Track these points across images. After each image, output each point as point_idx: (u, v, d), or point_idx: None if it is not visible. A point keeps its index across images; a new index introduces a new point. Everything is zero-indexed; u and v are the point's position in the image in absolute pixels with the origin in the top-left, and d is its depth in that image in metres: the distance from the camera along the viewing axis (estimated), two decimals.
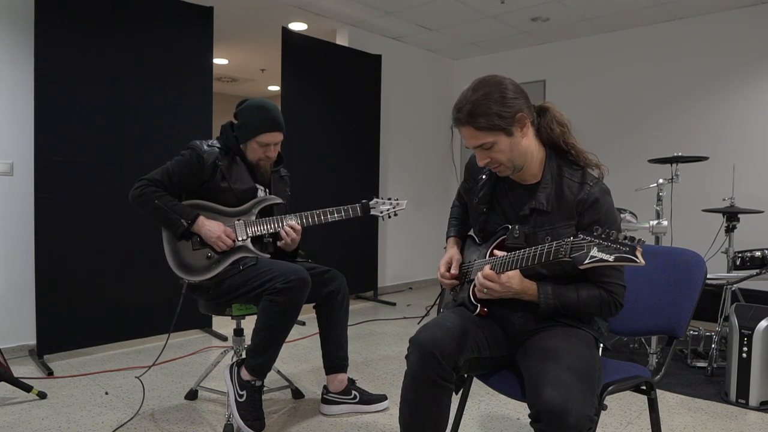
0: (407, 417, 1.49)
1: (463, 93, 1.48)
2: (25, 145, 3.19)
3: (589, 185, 1.49)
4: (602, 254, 1.25)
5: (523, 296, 1.50)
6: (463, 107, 1.46)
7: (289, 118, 4.10)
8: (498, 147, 1.47)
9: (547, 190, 1.51)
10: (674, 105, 4.63)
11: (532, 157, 1.53)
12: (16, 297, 3.22)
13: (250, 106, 2.32)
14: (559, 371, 1.30)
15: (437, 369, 1.43)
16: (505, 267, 1.48)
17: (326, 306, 2.44)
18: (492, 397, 2.67)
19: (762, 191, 4.21)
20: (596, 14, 4.56)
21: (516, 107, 1.45)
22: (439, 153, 6.08)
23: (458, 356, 1.46)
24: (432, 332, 1.47)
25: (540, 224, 1.51)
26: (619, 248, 1.23)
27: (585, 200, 1.47)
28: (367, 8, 4.53)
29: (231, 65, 6.70)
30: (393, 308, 4.76)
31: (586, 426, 1.23)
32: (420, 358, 1.44)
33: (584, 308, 1.50)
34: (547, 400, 1.23)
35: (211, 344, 3.53)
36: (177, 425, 2.31)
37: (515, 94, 1.46)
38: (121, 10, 3.25)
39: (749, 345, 2.55)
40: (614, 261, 1.23)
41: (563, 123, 1.53)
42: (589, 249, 1.27)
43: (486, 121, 1.43)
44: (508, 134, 1.46)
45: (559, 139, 1.52)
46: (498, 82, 1.46)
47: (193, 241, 2.24)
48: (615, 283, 1.49)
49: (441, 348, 1.44)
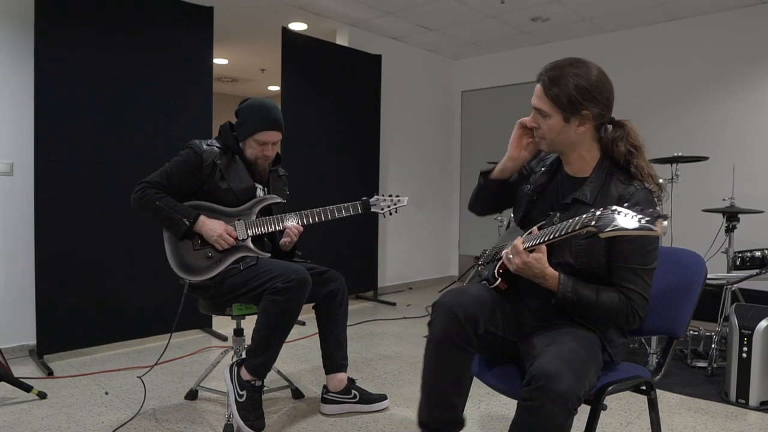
0: (430, 383, 1.51)
1: (564, 59, 1.53)
2: (25, 145, 3.19)
3: (635, 187, 1.49)
4: (623, 223, 1.24)
5: (543, 281, 1.49)
6: (552, 69, 1.51)
7: (289, 118, 4.11)
8: (550, 121, 1.52)
9: (593, 184, 1.54)
10: (674, 105, 4.63)
11: (579, 153, 1.56)
12: (16, 297, 3.22)
13: (251, 105, 2.33)
14: (561, 350, 1.34)
15: (460, 333, 1.46)
16: (540, 240, 1.47)
17: (325, 306, 2.44)
18: (492, 397, 2.67)
19: (762, 191, 4.21)
20: (596, 14, 4.56)
21: (589, 105, 1.48)
22: (440, 153, 6.08)
23: (478, 322, 1.49)
24: (456, 296, 1.50)
25: (579, 215, 1.52)
26: (640, 219, 1.23)
27: (627, 198, 1.48)
28: (367, 8, 4.53)
29: (231, 65, 6.70)
30: (393, 308, 4.76)
31: (572, 401, 1.25)
32: (444, 321, 1.47)
33: (601, 310, 1.48)
34: (543, 365, 1.28)
35: (211, 344, 3.53)
36: (177, 425, 2.31)
37: (598, 94, 1.48)
38: (121, 10, 3.25)
39: (749, 345, 2.55)
40: (633, 230, 1.22)
41: (636, 146, 1.53)
42: (613, 219, 1.27)
43: (557, 93, 1.48)
44: (565, 119, 1.50)
45: (621, 157, 1.53)
46: (596, 74, 1.49)
47: (194, 241, 2.24)
48: (638, 291, 1.47)
49: (465, 313, 1.47)
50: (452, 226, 6.26)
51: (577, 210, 1.53)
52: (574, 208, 1.54)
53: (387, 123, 5.34)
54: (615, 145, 1.53)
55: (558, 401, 1.24)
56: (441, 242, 6.13)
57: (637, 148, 1.52)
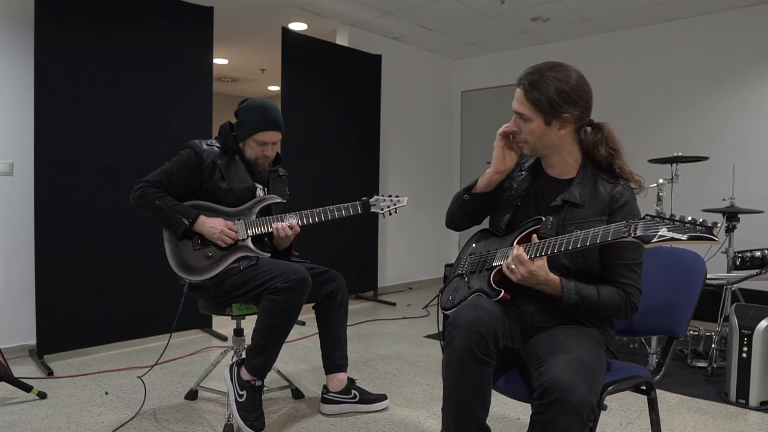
0: (455, 402, 1.48)
1: (544, 63, 1.55)
2: (25, 145, 3.19)
3: (621, 185, 1.53)
4: (673, 233, 1.24)
5: (545, 288, 1.49)
6: (533, 73, 1.53)
7: (289, 118, 4.11)
8: (531, 125, 1.53)
9: (581, 185, 1.55)
10: (674, 105, 4.63)
11: (562, 155, 1.58)
12: (16, 297, 3.22)
13: (250, 105, 2.33)
14: (570, 359, 1.32)
15: (483, 347, 1.42)
16: (542, 251, 1.47)
17: (325, 306, 2.45)
18: (492, 397, 2.66)
19: (762, 191, 4.21)
20: (596, 14, 4.56)
21: (569, 108, 1.50)
22: (440, 153, 6.08)
23: (498, 336, 1.46)
24: (473, 312, 1.45)
25: (570, 217, 1.54)
26: (691, 227, 1.23)
27: (618, 198, 1.51)
28: (367, 8, 4.53)
29: (231, 65, 6.70)
30: (393, 308, 4.76)
31: (586, 411, 1.24)
32: (465, 339, 1.43)
33: (603, 307, 1.51)
34: (556, 378, 1.26)
35: (211, 344, 3.53)
36: (177, 425, 2.31)
37: (578, 97, 1.50)
38: (121, 10, 3.25)
39: (749, 345, 2.55)
40: (688, 239, 1.22)
41: (615, 148, 1.56)
42: (658, 229, 1.26)
43: (538, 97, 1.50)
44: (546, 122, 1.52)
45: (603, 159, 1.56)
46: (575, 77, 1.51)
47: (194, 240, 2.24)
48: (633, 285, 1.51)
49: (486, 327, 1.43)
50: None
51: (568, 212, 1.54)
52: (564, 210, 1.55)
53: (387, 123, 5.34)
54: (596, 149, 1.56)
55: (573, 414, 1.23)
56: (441, 242, 6.12)
57: (616, 150, 1.56)
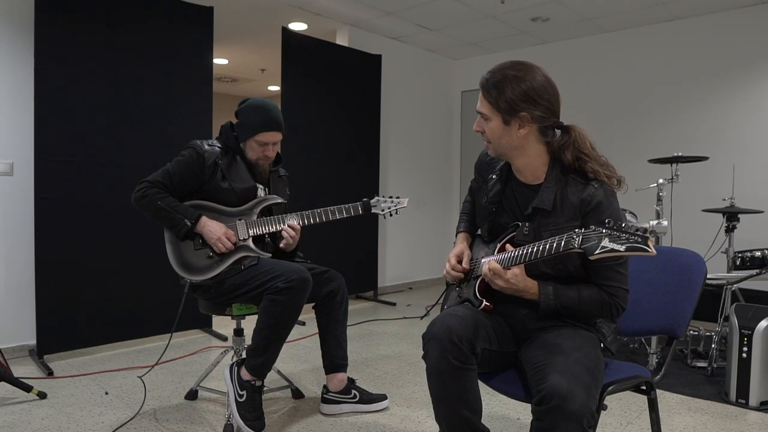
0: (444, 411, 1.49)
1: (507, 62, 1.52)
2: (25, 145, 3.19)
3: (593, 186, 1.48)
4: (613, 244, 1.25)
5: (525, 294, 1.50)
6: (493, 74, 1.51)
7: (289, 118, 4.11)
8: (491, 124, 1.52)
9: (549, 189, 1.52)
10: (674, 105, 4.64)
11: (528, 158, 1.54)
12: (16, 297, 3.22)
13: (251, 106, 2.33)
14: (568, 363, 1.32)
15: (458, 355, 1.43)
16: (513, 262, 1.49)
17: (325, 306, 2.45)
18: (492, 397, 2.67)
19: (762, 191, 4.22)
20: (596, 14, 4.56)
21: (527, 107, 1.46)
22: (440, 153, 6.08)
23: (475, 342, 1.46)
24: (445, 322, 1.46)
25: (544, 224, 1.52)
26: (629, 238, 1.24)
27: (589, 201, 1.47)
28: (367, 8, 4.53)
29: (231, 65, 6.70)
30: (393, 308, 4.76)
31: (586, 417, 1.23)
32: (440, 350, 1.43)
33: (585, 309, 1.50)
34: (555, 385, 1.25)
35: (211, 344, 3.53)
36: (177, 425, 2.31)
37: (538, 97, 1.46)
38: (120, 10, 3.25)
39: (749, 345, 2.55)
40: (625, 251, 1.23)
41: (583, 153, 1.51)
42: (600, 240, 1.27)
43: (495, 96, 1.48)
44: (504, 121, 1.49)
45: (571, 165, 1.52)
46: (538, 78, 1.48)
47: (195, 240, 2.24)
48: (618, 286, 1.49)
49: (458, 335, 1.43)
50: (452, 226, 6.26)
51: (540, 219, 1.52)
52: (537, 218, 1.53)
53: (387, 123, 5.34)
54: (562, 153, 1.52)
55: (572, 421, 1.22)
56: (441, 242, 6.12)
57: (585, 154, 1.50)
